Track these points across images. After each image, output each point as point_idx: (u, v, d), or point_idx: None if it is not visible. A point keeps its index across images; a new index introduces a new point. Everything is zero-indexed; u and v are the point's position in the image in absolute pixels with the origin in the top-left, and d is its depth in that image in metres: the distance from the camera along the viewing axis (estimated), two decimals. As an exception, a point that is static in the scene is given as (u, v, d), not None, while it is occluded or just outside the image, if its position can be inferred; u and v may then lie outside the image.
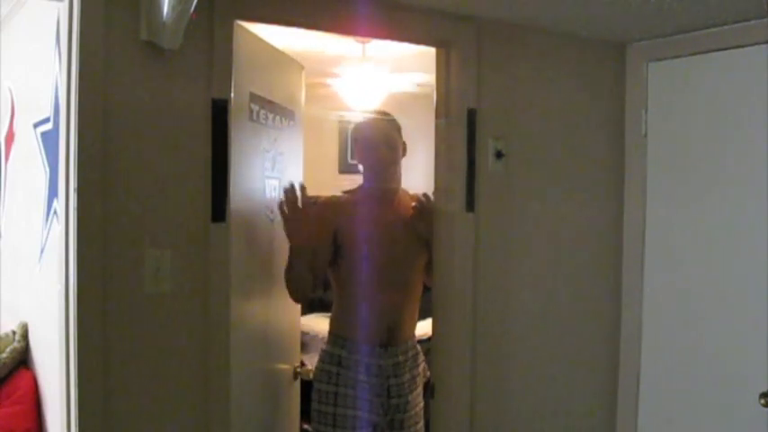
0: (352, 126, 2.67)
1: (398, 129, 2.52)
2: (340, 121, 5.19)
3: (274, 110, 2.45)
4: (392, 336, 2.42)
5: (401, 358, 2.45)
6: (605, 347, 2.62)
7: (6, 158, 2.57)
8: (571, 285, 2.56)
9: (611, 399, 2.63)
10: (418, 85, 4.73)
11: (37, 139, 2.12)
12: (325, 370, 2.41)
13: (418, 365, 2.54)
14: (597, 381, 2.62)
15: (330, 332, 2.49)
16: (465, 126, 2.30)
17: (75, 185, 1.68)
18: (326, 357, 2.43)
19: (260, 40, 2.34)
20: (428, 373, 2.53)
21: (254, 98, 2.25)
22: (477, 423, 2.37)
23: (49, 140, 1.99)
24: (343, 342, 2.41)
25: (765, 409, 2.09)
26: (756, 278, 2.21)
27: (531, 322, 2.48)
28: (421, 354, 2.58)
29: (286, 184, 2.35)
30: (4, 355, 2.18)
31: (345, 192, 2.57)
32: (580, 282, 2.57)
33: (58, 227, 1.83)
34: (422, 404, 2.54)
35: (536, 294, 2.49)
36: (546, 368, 2.52)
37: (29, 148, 2.20)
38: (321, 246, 2.39)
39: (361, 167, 2.56)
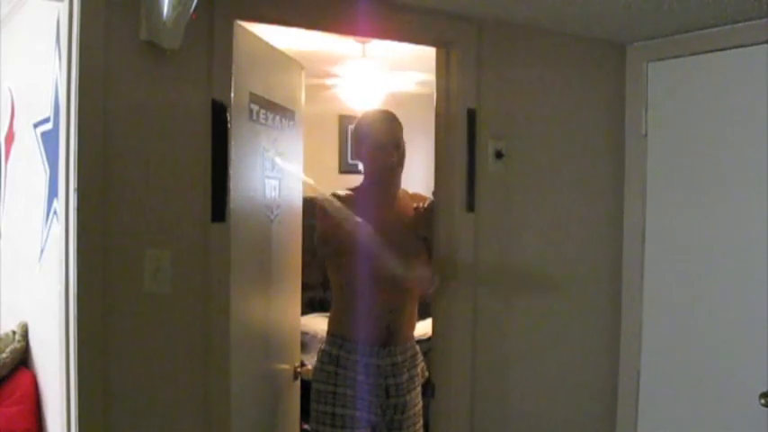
0: (354, 122, 2.57)
1: (402, 128, 2.46)
2: (341, 115, 5.18)
3: (274, 110, 2.45)
4: (391, 336, 2.41)
5: (399, 358, 2.44)
6: (605, 347, 2.62)
7: (6, 158, 2.57)
8: (571, 285, 2.56)
9: (611, 399, 2.63)
10: (418, 85, 4.74)
11: (37, 139, 2.12)
12: (324, 370, 2.40)
13: (416, 366, 2.52)
14: (597, 381, 2.62)
15: (328, 332, 2.48)
16: (465, 126, 2.30)
17: (75, 185, 1.68)
18: (325, 357, 2.42)
19: (260, 40, 2.34)
20: (426, 374, 2.52)
21: (254, 98, 2.25)
22: (477, 423, 2.37)
23: (49, 140, 1.99)
24: (342, 342, 2.40)
25: (765, 409, 2.09)
26: (756, 278, 2.21)
27: (531, 322, 2.48)
28: (420, 354, 2.57)
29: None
30: (4, 355, 2.18)
31: (347, 189, 2.51)
32: (580, 281, 2.57)
33: (57, 227, 1.83)
34: (420, 404, 2.53)
35: (536, 294, 2.49)
36: (546, 368, 2.52)
37: (29, 148, 2.20)
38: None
39: (361, 166, 2.53)
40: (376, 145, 2.38)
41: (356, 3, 2.08)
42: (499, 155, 2.36)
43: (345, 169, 5.18)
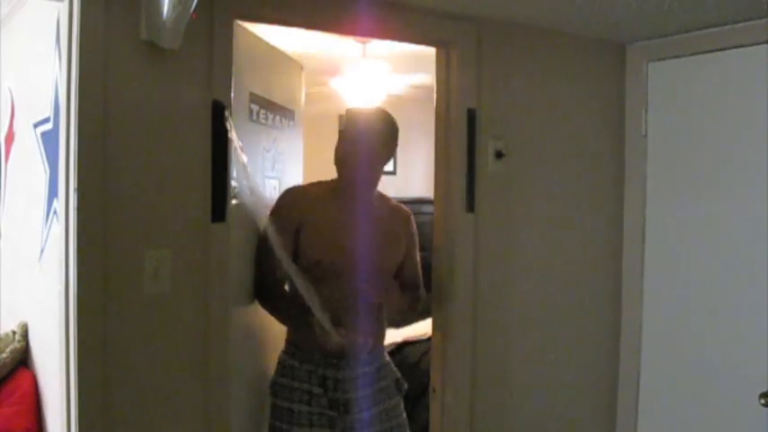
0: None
1: (385, 130, 2.20)
2: (341, 115, 5.18)
3: (274, 110, 2.45)
4: (350, 346, 2.14)
5: (360, 371, 2.20)
6: (605, 347, 2.62)
7: (6, 158, 2.57)
8: (571, 285, 2.56)
9: (611, 399, 2.63)
10: (418, 85, 4.74)
11: (37, 139, 2.12)
12: (279, 383, 2.19)
13: (384, 378, 2.27)
14: (597, 381, 2.62)
15: (286, 339, 2.27)
16: (465, 126, 2.30)
17: (75, 185, 1.68)
18: (280, 369, 2.21)
19: (260, 40, 2.34)
20: (405, 386, 2.30)
21: (254, 98, 2.25)
22: (477, 423, 2.37)
23: (49, 140, 1.99)
24: (296, 350, 2.20)
25: (765, 409, 2.09)
26: (756, 278, 2.21)
27: (531, 322, 2.48)
28: (390, 366, 2.31)
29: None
30: (4, 355, 2.18)
31: (313, 183, 2.33)
32: (580, 282, 2.58)
33: (57, 227, 1.83)
34: (396, 423, 2.26)
35: (536, 294, 2.49)
36: (546, 368, 2.52)
37: (29, 148, 2.20)
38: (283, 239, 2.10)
39: None
40: (340, 135, 2.22)
41: (356, 3, 2.08)
42: (499, 155, 2.36)
43: (345, 169, 5.17)
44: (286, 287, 2.17)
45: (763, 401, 2.09)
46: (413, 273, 2.33)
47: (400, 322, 2.30)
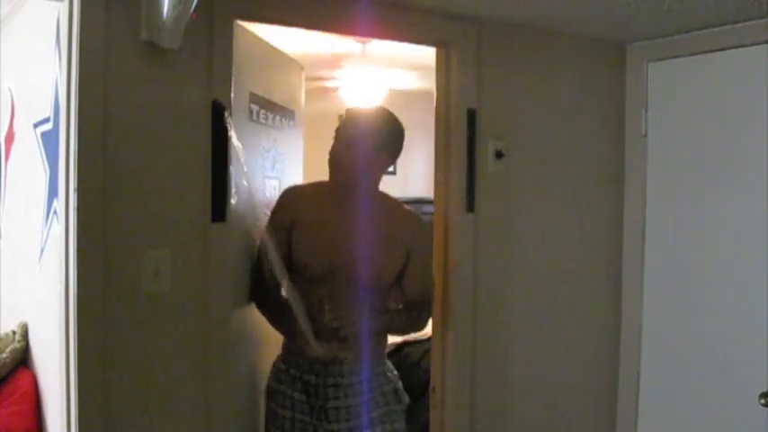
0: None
1: (383, 132, 2.15)
2: (341, 115, 5.19)
3: (274, 110, 2.45)
4: (338, 351, 2.11)
5: (347, 380, 2.13)
6: (605, 347, 2.62)
7: (6, 158, 2.57)
8: (571, 285, 2.56)
9: (611, 399, 2.63)
10: (418, 84, 4.74)
11: (37, 139, 2.12)
12: (270, 386, 2.21)
13: (380, 386, 2.19)
14: (597, 381, 2.62)
15: (282, 344, 2.28)
16: (465, 126, 2.30)
17: (75, 185, 1.68)
18: (273, 371, 2.22)
19: (260, 40, 2.34)
20: (407, 399, 2.26)
21: (254, 98, 2.25)
22: (477, 423, 2.36)
23: (49, 140, 1.99)
24: (288, 355, 2.19)
25: (765, 409, 2.09)
26: (756, 278, 2.20)
27: (532, 323, 2.48)
28: (386, 375, 2.23)
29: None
30: (4, 355, 2.18)
31: (312, 183, 2.33)
32: (580, 282, 2.57)
33: (57, 227, 1.83)
34: (387, 427, 2.18)
35: (536, 295, 2.49)
36: (546, 368, 2.52)
37: (29, 148, 2.20)
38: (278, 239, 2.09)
39: None
40: (335, 134, 2.19)
41: (356, 3, 2.08)
42: (499, 155, 2.36)
43: (345, 169, 5.17)
44: (282, 292, 2.13)
45: (763, 401, 2.09)
46: (417, 280, 2.24)
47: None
